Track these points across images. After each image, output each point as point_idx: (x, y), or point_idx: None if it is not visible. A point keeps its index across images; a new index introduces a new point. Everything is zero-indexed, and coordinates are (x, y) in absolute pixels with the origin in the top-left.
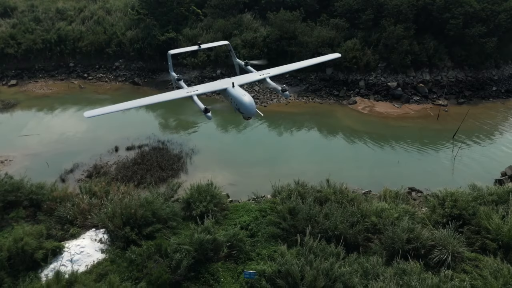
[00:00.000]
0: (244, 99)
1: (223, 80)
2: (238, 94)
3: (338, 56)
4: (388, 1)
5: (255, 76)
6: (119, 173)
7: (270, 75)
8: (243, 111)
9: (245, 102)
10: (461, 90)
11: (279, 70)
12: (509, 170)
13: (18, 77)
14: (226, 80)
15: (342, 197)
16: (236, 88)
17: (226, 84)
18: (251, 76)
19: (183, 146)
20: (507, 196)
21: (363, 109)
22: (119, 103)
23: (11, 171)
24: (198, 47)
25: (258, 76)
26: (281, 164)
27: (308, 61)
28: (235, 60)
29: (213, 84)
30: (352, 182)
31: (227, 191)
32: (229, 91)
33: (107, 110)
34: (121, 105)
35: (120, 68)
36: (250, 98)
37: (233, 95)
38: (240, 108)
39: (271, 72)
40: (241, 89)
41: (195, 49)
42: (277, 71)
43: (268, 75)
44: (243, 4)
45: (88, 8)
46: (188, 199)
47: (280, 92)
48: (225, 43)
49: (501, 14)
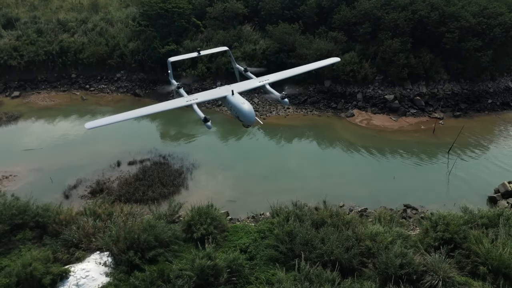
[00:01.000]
0: (244, 107)
1: (223, 88)
2: (238, 102)
3: (337, 61)
4: (385, 15)
5: (254, 83)
6: (121, 189)
7: (269, 81)
8: (242, 119)
9: (245, 110)
10: (457, 103)
11: (278, 76)
12: (502, 187)
13: (21, 88)
14: (226, 88)
15: (338, 220)
16: (235, 96)
17: (226, 92)
18: (250, 83)
19: (183, 161)
20: (497, 219)
21: (361, 122)
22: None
23: (16, 187)
24: (198, 54)
25: (257, 82)
26: (280, 179)
27: (308, 65)
28: (234, 66)
29: (213, 92)
30: (349, 198)
31: (227, 208)
32: (228, 99)
33: (107, 121)
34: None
35: (122, 79)
36: (250, 106)
37: (233, 103)
38: (240, 116)
39: (270, 78)
40: (240, 97)
41: (194, 56)
42: (277, 77)
43: (267, 81)
44: (243, 16)
45: (90, 19)
46: (189, 221)
47: (279, 99)
48: (225, 49)
49: (496, 28)
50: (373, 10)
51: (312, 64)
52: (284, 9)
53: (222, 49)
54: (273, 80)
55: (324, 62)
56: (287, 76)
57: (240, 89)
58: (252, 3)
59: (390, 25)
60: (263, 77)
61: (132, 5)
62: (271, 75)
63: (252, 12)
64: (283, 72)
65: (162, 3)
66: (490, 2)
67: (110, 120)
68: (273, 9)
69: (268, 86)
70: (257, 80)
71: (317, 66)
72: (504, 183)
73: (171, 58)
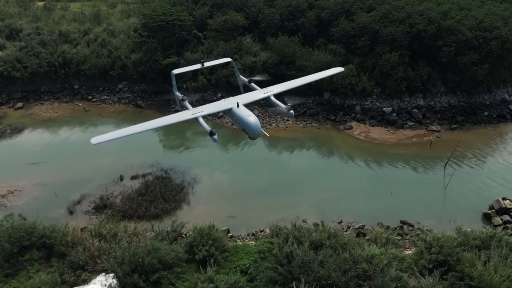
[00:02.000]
0: (250, 120)
1: (227, 100)
2: (243, 114)
3: (341, 70)
4: (383, 28)
5: (259, 95)
6: (124, 205)
7: (274, 92)
8: (248, 131)
9: (251, 122)
10: (454, 116)
11: (283, 87)
12: (496, 204)
13: (24, 99)
14: (230, 100)
15: (336, 242)
16: (240, 108)
17: (231, 104)
18: (255, 95)
19: (185, 175)
20: (490, 241)
21: (359, 135)
22: (125, 128)
23: (21, 202)
24: (201, 65)
25: (262, 94)
26: (280, 193)
27: (313, 75)
28: (238, 77)
29: (218, 105)
30: (348, 213)
31: (228, 224)
32: (234, 111)
33: (113, 136)
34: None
35: (124, 90)
36: (256, 119)
37: (238, 115)
38: (246, 129)
39: (275, 89)
40: (246, 109)
41: (198, 68)
42: (282, 88)
43: (272, 92)
44: (243, 28)
45: (93, 30)
46: (191, 242)
47: (285, 111)
48: (228, 60)
49: (493, 41)
50: (371, 23)
51: (317, 74)
52: (284, 20)
53: (226, 60)
54: (278, 92)
55: (328, 72)
56: (292, 87)
57: (245, 101)
58: (252, 14)
59: (387, 38)
60: (268, 88)
61: (134, 15)
62: (276, 86)
63: (252, 24)
64: (288, 82)
65: (163, 15)
66: (486, 16)
67: (116, 135)
68: (273, 21)
69: (273, 98)
70: (262, 91)
71: (322, 76)
72: (499, 200)
73: (175, 71)
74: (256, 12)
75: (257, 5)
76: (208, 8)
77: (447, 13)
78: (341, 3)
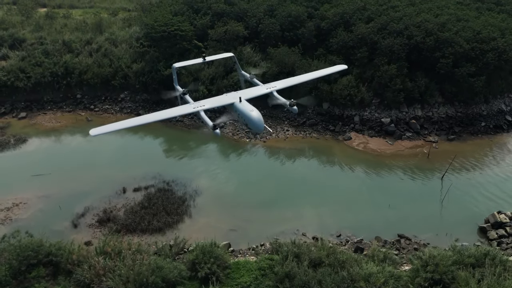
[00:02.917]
0: (252, 115)
1: (230, 94)
2: (246, 109)
3: (344, 68)
4: (381, 40)
5: (261, 90)
6: (128, 218)
7: (277, 88)
8: (251, 126)
9: (254, 117)
10: (451, 126)
11: (286, 83)
12: (491, 217)
13: (28, 109)
14: (233, 94)
15: (335, 260)
16: (243, 103)
17: (233, 99)
18: (257, 90)
19: (186, 187)
20: (484, 259)
21: (358, 146)
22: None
23: (26, 215)
24: (203, 60)
25: (264, 89)
26: (280, 206)
27: (316, 72)
28: (240, 72)
29: (220, 99)
30: (346, 227)
31: (229, 237)
32: (236, 106)
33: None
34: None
35: (125, 99)
36: (258, 114)
37: (241, 110)
38: (248, 124)
39: (278, 85)
40: (248, 104)
41: (199, 62)
42: (284, 84)
43: (274, 88)
44: (243, 38)
45: (95, 39)
46: (193, 260)
47: (288, 107)
48: (230, 55)
49: (489, 53)
50: (370, 34)
51: (320, 71)
52: (284, 31)
53: (228, 55)
54: (280, 87)
55: (331, 69)
56: (295, 83)
57: (247, 96)
58: (252, 25)
59: (386, 50)
60: (270, 84)
61: (135, 24)
62: (279, 81)
63: (252, 33)
64: (291, 78)
65: (165, 26)
66: (484, 27)
67: (115, 127)
68: (273, 32)
69: (276, 93)
70: (264, 86)
71: (325, 73)
72: (494, 213)
73: (176, 64)
74: (257, 22)
75: (258, 15)
76: (209, 18)
77: (445, 25)
78: (340, 13)
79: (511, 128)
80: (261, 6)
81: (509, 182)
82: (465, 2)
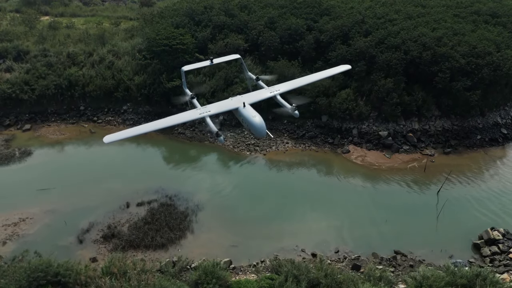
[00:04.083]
0: (255, 121)
1: (234, 99)
2: (249, 115)
3: (348, 68)
4: (379, 54)
5: (265, 94)
6: (131, 234)
7: (280, 91)
8: (253, 131)
9: (256, 123)
10: (448, 139)
11: (289, 86)
12: (485, 234)
13: (32, 120)
14: (237, 99)
15: (332, 281)
16: (247, 108)
17: (238, 104)
18: (261, 94)
19: (188, 201)
20: (475, 280)
21: (356, 159)
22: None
23: (33, 231)
24: (211, 62)
25: (268, 93)
26: (279, 221)
27: (319, 74)
28: (246, 74)
29: (225, 104)
30: (344, 243)
31: (230, 253)
32: (240, 111)
33: (124, 134)
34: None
35: (128, 111)
36: (261, 119)
37: (244, 115)
38: (251, 129)
39: (281, 88)
40: (252, 109)
41: (207, 64)
42: (288, 87)
43: (278, 92)
44: (244, 50)
45: (97, 51)
46: (196, 280)
47: (290, 111)
48: (237, 57)
49: (485, 68)
50: (368, 49)
51: (323, 72)
52: (284, 43)
53: (235, 57)
54: (284, 90)
55: (335, 70)
56: (299, 85)
57: (251, 100)
58: (253, 37)
59: (383, 65)
60: (274, 87)
61: (137, 35)
62: (282, 84)
63: (252, 46)
64: (295, 81)
65: (167, 39)
66: (479, 41)
67: (128, 134)
68: (273, 44)
69: (279, 97)
70: (268, 90)
71: (329, 75)
72: (488, 230)
73: (185, 67)
74: (257, 34)
75: (258, 27)
76: (210, 30)
77: (441, 39)
78: (339, 26)
79: (506, 141)
80: (262, 19)
81: (504, 198)
82: (462, 14)
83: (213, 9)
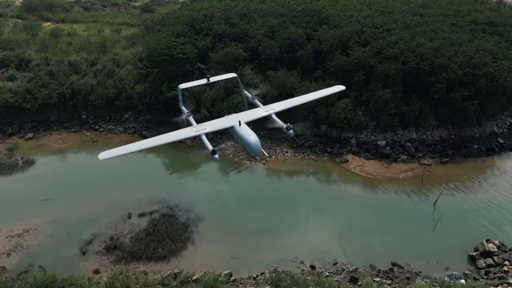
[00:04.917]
0: (250, 139)
1: (230, 117)
2: (244, 133)
3: (342, 89)
4: (377, 64)
5: (260, 113)
6: (133, 245)
7: (275, 111)
8: (248, 149)
9: (251, 142)
10: (445, 149)
11: (285, 105)
12: (480, 246)
13: (34, 129)
14: (233, 117)
15: None
16: (242, 126)
17: (233, 122)
18: (257, 113)
19: (189, 212)
20: None
21: (354, 168)
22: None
23: (37, 242)
24: (207, 81)
25: (263, 112)
26: (279, 232)
27: (314, 93)
28: (243, 92)
29: (220, 122)
30: (342, 254)
31: (230, 265)
32: (235, 129)
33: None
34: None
35: (129, 120)
36: (256, 138)
37: (240, 133)
38: (246, 147)
39: (276, 107)
40: (247, 128)
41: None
42: (283, 106)
43: (273, 111)
44: (244, 59)
45: (99, 60)
46: None
47: (284, 130)
48: (233, 76)
49: (482, 78)
50: (367, 59)
51: (318, 92)
52: (283, 52)
53: (231, 75)
54: (279, 109)
55: (329, 90)
56: (294, 105)
57: (247, 119)
58: (252, 46)
59: (381, 75)
60: (270, 106)
61: (138, 43)
62: (278, 103)
63: (252, 55)
64: (290, 100)
65: (167, 49)
66: (476, 51)
67: (123, 151)
68: (273, 53)
69: (274, 116)
70: (264, 109)
71: (323, 95)
72: (483, 242)
73: (181, 85)
74: (256, 43)
75: (257, 36)
76: (210, 39)
77: (439, 49)
78: (339, 36)
79: (502, 151)
80: (262, 28)
81: (500, 209)
82: (459, 23)
83: (213, 18)
